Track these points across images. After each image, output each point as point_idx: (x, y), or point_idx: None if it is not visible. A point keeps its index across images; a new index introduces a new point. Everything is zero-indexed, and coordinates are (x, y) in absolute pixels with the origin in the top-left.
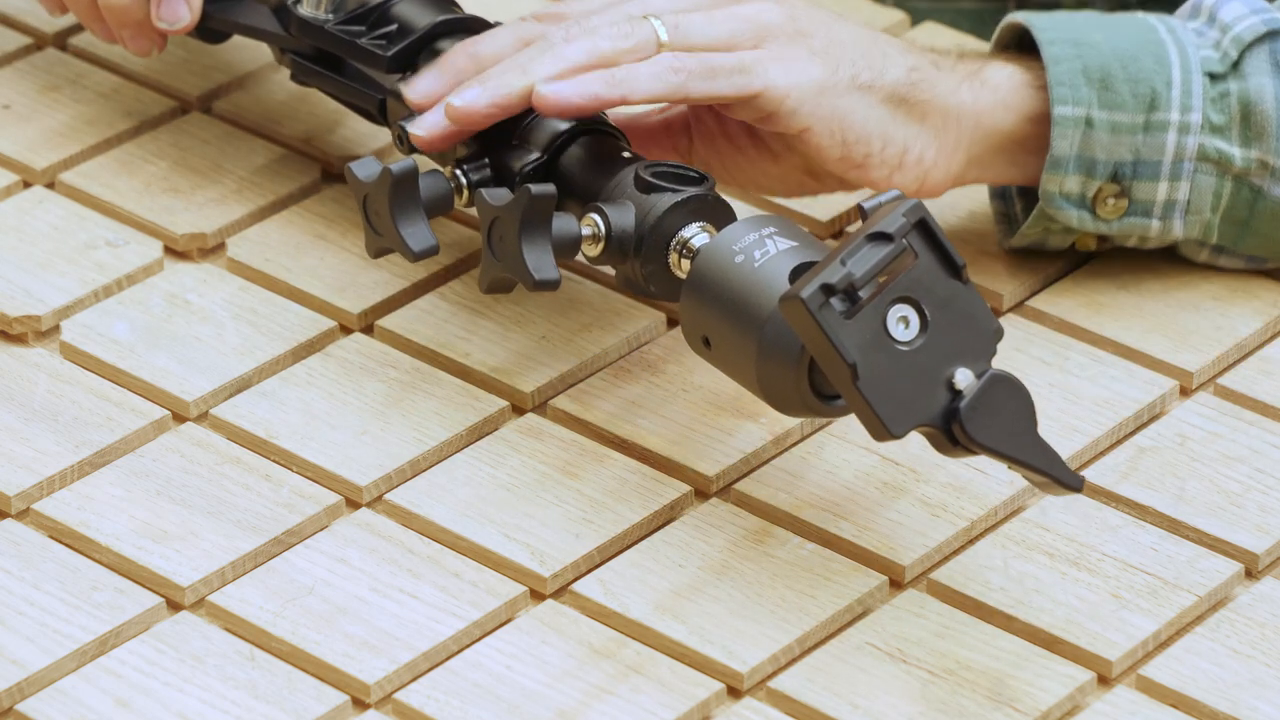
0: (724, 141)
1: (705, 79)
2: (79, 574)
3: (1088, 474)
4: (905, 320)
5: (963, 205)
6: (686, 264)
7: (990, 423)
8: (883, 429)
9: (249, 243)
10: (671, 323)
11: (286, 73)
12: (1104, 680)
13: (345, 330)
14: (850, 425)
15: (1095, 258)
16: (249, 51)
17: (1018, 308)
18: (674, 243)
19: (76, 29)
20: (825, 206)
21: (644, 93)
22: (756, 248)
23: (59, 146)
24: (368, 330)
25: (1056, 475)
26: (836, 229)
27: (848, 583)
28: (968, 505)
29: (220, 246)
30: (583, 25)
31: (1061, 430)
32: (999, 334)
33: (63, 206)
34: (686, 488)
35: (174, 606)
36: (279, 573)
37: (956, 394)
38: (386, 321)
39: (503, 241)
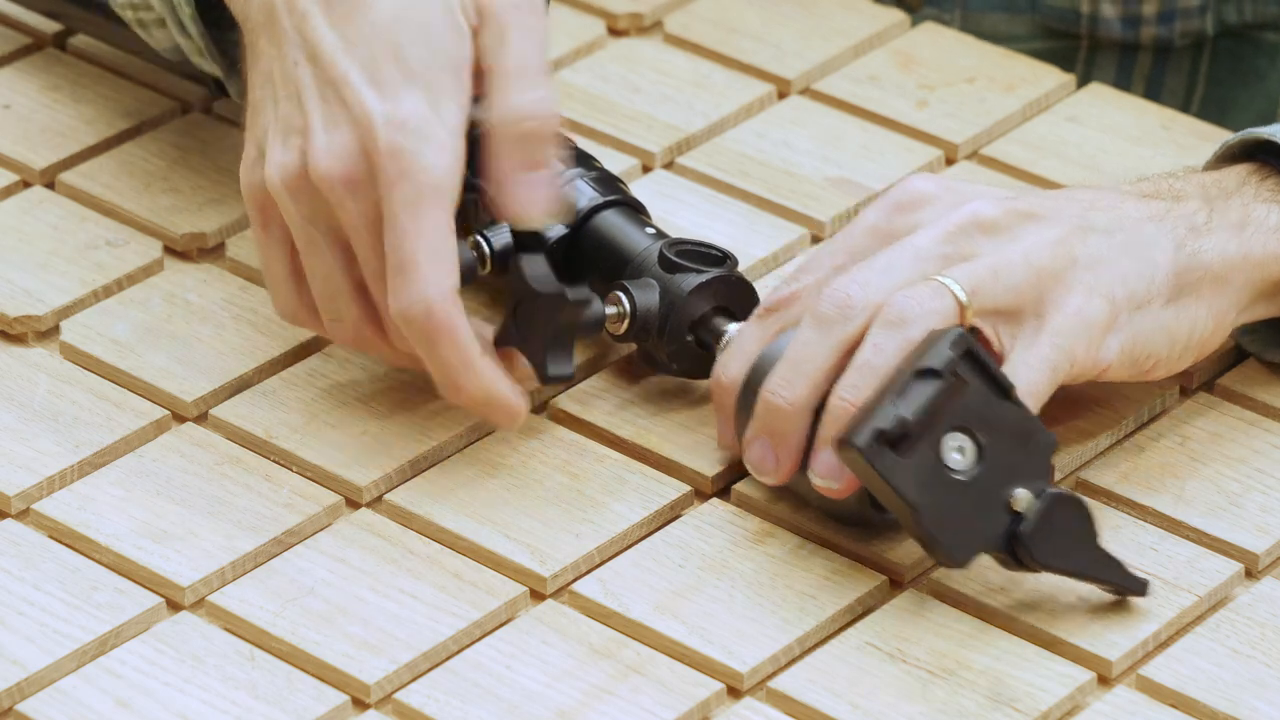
0: None
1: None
2: (79, 574)
3: (1088, 474)
4: (961, 449)
5: None
6: (711, 342)
7: (1052, 541)
8: (948, 559)
9: (249, 243)
10: None
11: None
12: (1104, 680)
13: None
14: None
15: None
16: None
17: None
18: (696, 324)
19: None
20: (825, 206)
21: None
22: None
23: (59, 146)
24: None
25: (1122, 583)
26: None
27: (848, 583)
28: None
29: (220, 246)
30: (889, 316)
31: (1061, 430)
32: (1053, 446)
33: (63, 206)
34: (686, 488)
35: (174, 606)
36: (279, 573)
37: (1017, 516)
38: None
39: (528, 324)
